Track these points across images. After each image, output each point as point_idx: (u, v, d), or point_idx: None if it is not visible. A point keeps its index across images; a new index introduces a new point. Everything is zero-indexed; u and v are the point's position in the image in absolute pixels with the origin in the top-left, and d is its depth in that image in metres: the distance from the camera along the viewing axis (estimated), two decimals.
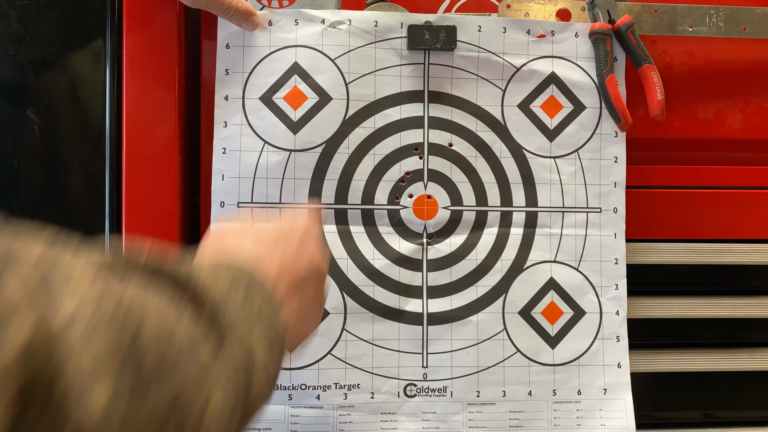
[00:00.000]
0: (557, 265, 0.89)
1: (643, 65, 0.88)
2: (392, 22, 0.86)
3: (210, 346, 0.41)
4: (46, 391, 0.29)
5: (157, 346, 0.36)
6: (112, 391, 0.32)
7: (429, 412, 0.87)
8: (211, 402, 0.40)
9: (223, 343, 0.42)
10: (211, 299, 0.43)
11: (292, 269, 0.60)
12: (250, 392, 0.45)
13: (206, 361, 0.40)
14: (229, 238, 0.62)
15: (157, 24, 0.84)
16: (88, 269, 0.35)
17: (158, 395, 0.35)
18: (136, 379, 0.34)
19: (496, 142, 0.88)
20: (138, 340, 0.34)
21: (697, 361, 0.93)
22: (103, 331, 0.32)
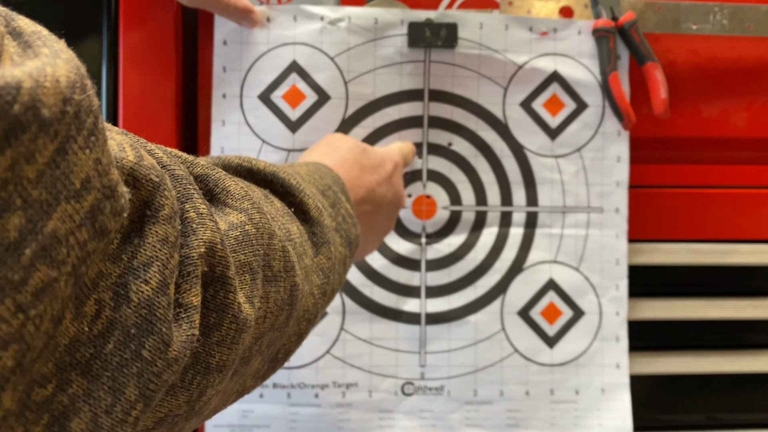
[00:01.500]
0: (557, 266, 0.88)
1: (647, 63, 0.87)
2: (392, 19, 0.85)
3: (311, 253, 0.49)
4: (220, 282, 0.36)
5: (281, 255, 0.42)
6: (251, 289, 0.39)
7: (426, 411, 0.87)
8: (307, 304, 0.47)
9: (319, 251, 0.50)
10: (312, 215, 0.50)
11: (376, 197, 0.69)
12: (327, 293, 0.52)
13: (309, 261, 0.48)
14: (337, 150, 0.70)
15: (154, 21, 0.83)
16: (239, 182, 0.42)
17: (281, 289, 0.42)
18: (266, 276, 0.41)
19: (497, 141, 0.87)
20: (269, 249, 0.41)
21: (701, 363, 0.92)
22: (248, 244, 0.39)
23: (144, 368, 0.31)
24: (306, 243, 0.49)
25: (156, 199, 0.32)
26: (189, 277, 0.34)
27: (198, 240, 0.35)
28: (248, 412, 0.85)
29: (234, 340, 0.37)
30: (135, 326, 0.30)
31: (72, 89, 0.26)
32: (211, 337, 0.36)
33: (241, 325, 0.37)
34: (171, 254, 0.32)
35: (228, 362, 0.37)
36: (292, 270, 0.44)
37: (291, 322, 0.45)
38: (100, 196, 0.28)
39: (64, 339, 0.28)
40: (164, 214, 0.32)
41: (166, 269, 0.32)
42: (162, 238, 0.32)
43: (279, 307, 0.42)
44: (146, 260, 0.31)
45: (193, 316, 0.34)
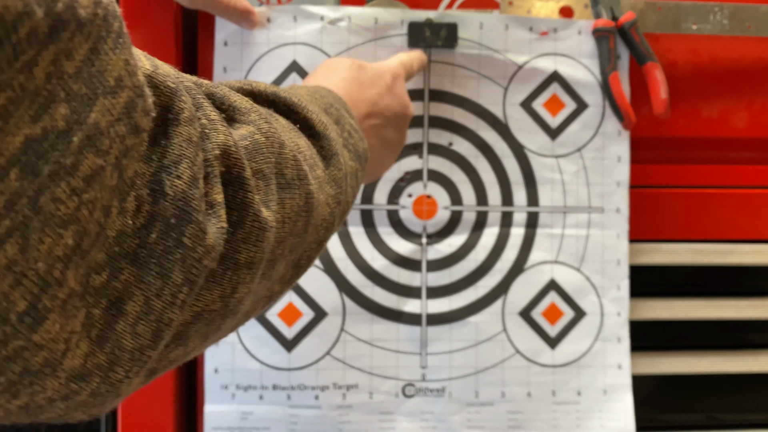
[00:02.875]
0: (558, 266, 0.88)
1: (647, 63, 0.87)
2: (393, 19, 0.85)
3: (322, 166, 0.51)
4: (238, 182, 0.38)
5: (293, 163, 0.44)
6: (265, 193, 0.41)
7: (427, 412, 0.87)
8: (324, 212, 0.49)
9: (329, 163, 0.52)
10: (317, 130, 0.52)
11: (380, 109, 0.70)
12: (341, 202, 0.54)
13: (321, 173, 0.50)
14: (334, 72, 0.70)
15: (154, 22, 0.83)
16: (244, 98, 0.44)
17: (296, 196, 0.44)
18: (279, 183, 0.43)
19: (497, 141, 0.87)
20: (280, 158, 0.43)
21: (701, 363, 0.92)
22: (259, 152, 0.41)
23: (186, 254, 0.33)
24: (315, 156, 0.50)
25: (175, 103, 0.34)
26: (209, 177, 0.36)
27: (212, 143, 0.37)
28: (248, 414, 0.85)
29: (258, 237, 0.39)
30: (174, 216, 0.33)
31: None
32: (236, 234, 0.38)
33: (263, 223, 0.39)
34: (196, 152, 0.35)
35: (255, 260, 0.39)
36: (305, 178, 0.46)
37: (310, 229, 0.47)
38: (132, 94, 0.30)
39: (111, 231, 0.30)
40: (185, 117, 0.35)
41: (194, 165, 0.34)
42: (186, 138, 0.34)
43: (296, 213, 0.44)
44: (175, 158, 0.33)
45: (219, 211, 0.36)
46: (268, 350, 0.85)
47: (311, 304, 0.85)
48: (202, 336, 0.38)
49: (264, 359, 0.85)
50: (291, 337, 0.85)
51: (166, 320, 0.33)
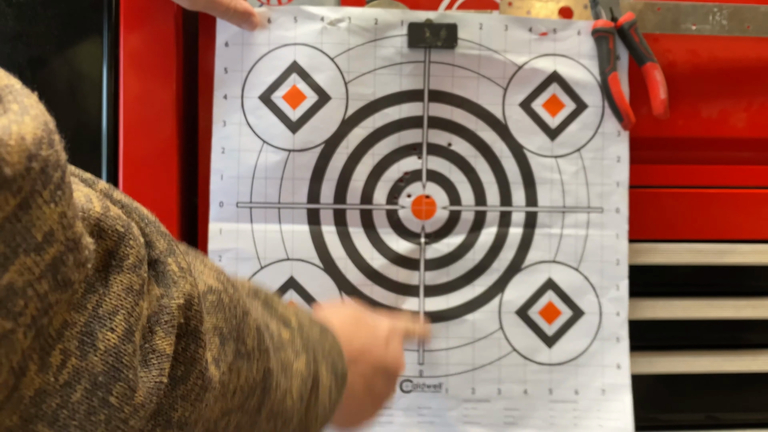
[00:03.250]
0: (556, 265, 0.88)
1: (646, 63, 0.87)
2: (392, 19, 0.85)
3: (291, 355, 0.49)
4: (193, 335, 0.37)
5: (254, 335, 0.43)
6: (219, 352, 0.39)
7: (424, 408, 0.88)
8: (284, 401, 0.47)
9: (298, 356, 0.50)
10: (293, 325, 0.51)
11: (372, 357, 0.68)
12: (311, 410, 0.52)
13: (289, 358, 0.48)
14: (334, 311, 0.70)
15: (155, 22, 0.83)
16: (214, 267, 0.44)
17: (253, 368, 0.43)
18: (238, 349, 0.41)
19: (497, 141, 0.88)
20: (243, 324, 0.42)
21: (701, 362, 0.92)
22: (222, 310, 0.40)
23: (112, 415, 0.31)
24: (285, 342, 0.49)
25: (121, 249, 0.33)
26: (166, 325, 0.35)
27: (179, 291, 0.36)
28: None
29: (198, 396, 0.37)
30: (102, 374, 0.31)
31: (38, 146, 0.27)
32: (177, 389, 0.36)
33: (207, 383, 0.37)
34: (136, 302, 0.33)
35: (190, 420, 0.37)
36: (267, 353, 0.44)
37: (264, 412, 0.45)
38: (63, 248, 0.29)
39: (29, 391, 0.28)
40: (129, 264, 0.33)
41: (131, 317, 0.32)
42: (126, 287, 0.33)
43: (251, 387, 0.43)
44: (111, 309, 0.32)
45: (164, 363, 0.34)
46: None
47: (311, 303, 0.85)
48: None
49: None
50: None
51: None
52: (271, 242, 0.85)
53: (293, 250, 0.85)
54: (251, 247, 0.85)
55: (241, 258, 0.84)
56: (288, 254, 0.85)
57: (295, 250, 0.85)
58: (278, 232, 0.85)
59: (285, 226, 0.85)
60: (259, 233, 0.85)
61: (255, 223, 0.85)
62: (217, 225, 0.84)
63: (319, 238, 0.85)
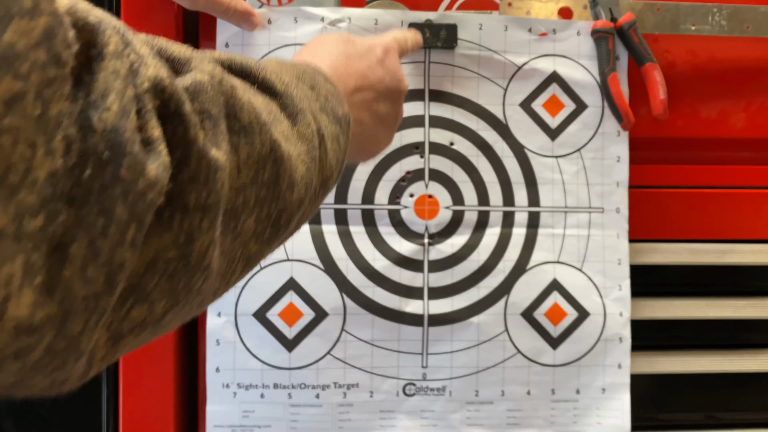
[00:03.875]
0: (560, 266, 0.88)
1: (646, 64, 0.88)
2: (392, 20, 0.85)
3: (287, 123, 0.48)
4: (177, 117, 0.36)
5: (248, 108, 0.43)
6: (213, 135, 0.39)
7: (428, 411, 0.87)
8: (298, 168, 0.47)
9: (296, 120, 0.49)
10: (277, 89, 0.49)
11: (371, 82, 0.67)
12: (325, 164, 0.52)
13: (287, 130, 0.47)
14: (321, 45, 0.68)
15: (155, 23, 0.83)
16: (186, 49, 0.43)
17: (255, 142, 0.42)
18: (234, 126, 0.41)
19: (498, 141, 0.88)
20: (232, 100, 0.41)
21: (700, 362, 0.92)
22: (203, 92, 0.39)
23: (127, 188, 0.31)
24: (277, 112, 0.48)
25: (98, 39, 0.33)
26: (141, 112, 0.34)
27: (141, 78, 0.35)
28: (249, 412, 0.85)
29: (207, 177, 0.37)
30: (107, 149, 0.31)
31: None
32: (182, 173, 0.36)
33: (212, 162, 0.37)
34: (125, 86, 0.33)
35: (209, 203, 0.37)
36: (265, 125, 0.44)
37: (282, 183, 0.45)
38: (52, 21, 0.29)
39: (41, 172, 0.28)
40: (110, 51, 0.33)
41: (123, 97, 0.32)
42: (112, 71, 0.32)
43: (257, 162, 0.42)
44: (102, 92, 0.31)
45: (159, 146, 0.34)
46: (268, 350, 0.85)
47: (312, 305, 0.85)
48: (169, 295, 0.36)
49: (265, 359, 0.85)
50: (292, 337, 0.85)
51: (118, 262, 0.31)
52: None
53: (293, 250, 0.85)
54: None
55: None
56: (288, 254, 0.85)
57: (295, 251, 0.85)
58: None
59: None
60: None
61: None
62: None
63: (320, 238, 0.85)
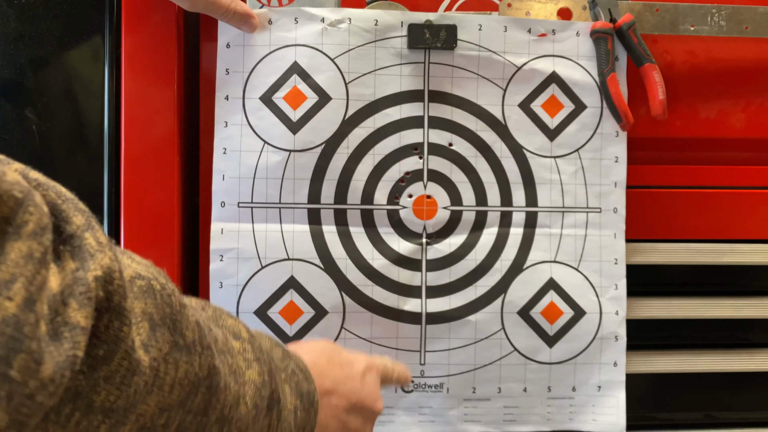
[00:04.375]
0: (557, 265, 0.88)
1: (645, 64, 0.88)
2: (392, 20, 0.86)
3: (242, 363, 0.46)
4: (116, 312, 0.34)
5: (194, 329, 0.41)
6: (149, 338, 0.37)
7: (425, 407, 0.88)
8: (238, 406, 0.44)
9: (250, 366, 0.47)
10: (242, 334, 0.49)
11: (345, 391, 0.64)
12: (281, 424, 0.50)
13: (239, 365, 0.45)
14: (308, 345, 0.67)
15: (156, 23, 0.83)
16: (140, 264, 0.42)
17: (194, 362, 0.40)
18: (174, 340, 0.39)
19: (497, 141, 0.88)
20: (179, 315, 0.40)
21: (698, 361, 0.93)
22: (152, 296, 0.38)
23: (14, 390, 0.29)
24: (233, 349, 0.46)
25: (18, 216, 0.31)
26: (81, 297, 0.32)
27: (96, 263, 0.33)
28: None
29: (124, 380, 0.35)
30: (1, 346, 0.29)
31: None
32: (98, 370, 0.34)
33: (134, 365, 0.35)
34: (37, 270, 0.31)
35: (117, 406, 0.35)
36: (210, 349, 0.42)
37: (212, 414, 0.43)
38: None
39: None
40: (28, 230, 0.31)
41: (31, 285, 0.30)
42: (26, 254, 0.30)
43: (193, 384, 0.40)
44: (9, 277, 0.29)
45: (78, 336, 0.32)
46: None
47: (312, 303, 0.86)
48: None
49: None
50: (292, 334, 0.86)
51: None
52: (271, 242, 0.85)
53: (294, 249, 0.86)
54: (252, 246, 0.85)
55: (242, 258, 0.85)
56: (288, 254, 0.86)
57: (295, 250, 0.86)
58: (279, 232, 0.85)
59: (286, 226, 0.85)
60: (260, 233, 0.85)
61: (256, 223, 0.85)
62: (218, 225, 0.85)
63: (320, 238, 0.86)
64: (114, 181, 0.84)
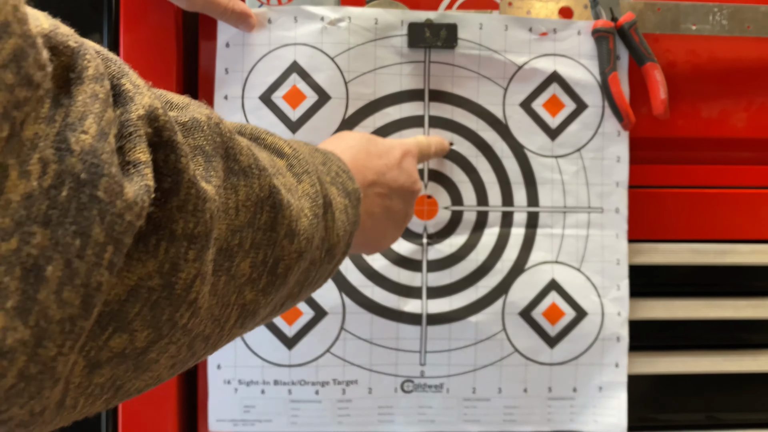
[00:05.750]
0: (559, 266, 0.88)
1: (646, 63, 0.87)
2: (392, 19, 0.85)
3: (293, 179, 0.49)
4: (169, 145, 0.36)
5: (247, 152, 0.43)
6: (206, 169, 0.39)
7: (425, 407, 0.88)
8: (300, 219, 0.47)
9: (301, 179, 0.50)
10: (285, 152, 0.51)
11: (386, 180, 0.69)
12: (332, 231, 0.53)
13: (291, 183, 0.48)
14: (343, 140, 0.71)
15: (155, 22, 0.83)
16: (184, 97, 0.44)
17: (254, 185, 0.43)
18: (229, 166, 0.41)
19: (498, 141, 0.88)
20: (230, 142, 0.42)
21: (700, 362, 0.92)
22: (199, 130, 0.40)
23: (104, 209, 0.31)
24: (282, 168, 0.48)
25: (78, 62, 0.32)
26: (131, 137, 0.34)
27: (136, 105, 0.35)
28: (250, 408, 0.86)
29: (196, 207, 0.37)
30: (85, 171, 0.30)
31: None
32: (170, 201, 0.36)
33: (201, 193, 0.37)
34: (104, 109, 0.32)
35: (196, 233, 0.37)
36: (265, 171, 0.44)
37: (280, 230, 0.45)
38: (22, 42, 0.28)
39: (14, 195, 0.28)
40: (89, 75, 0.33)
41: (102, 120, 0.32)
42: (92, 94, 0.32)
43: (255, 204, 0.43)
44: (80, 114, 0.31)
45: (144, 170, 0.34)
46: (269, 347, 0.86)
47: (311, 303, 0.85)
48: (151, 326, 0.36)
49: (265, 356, 0.86)
50: (291, 335, 0.85)
51: (95, 284, 0.31)
52: None
53: None
54: None
55: None
56: None
57: None
58: None
59: None
60: None
61: None
62: None
63: None
64: None
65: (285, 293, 0.50)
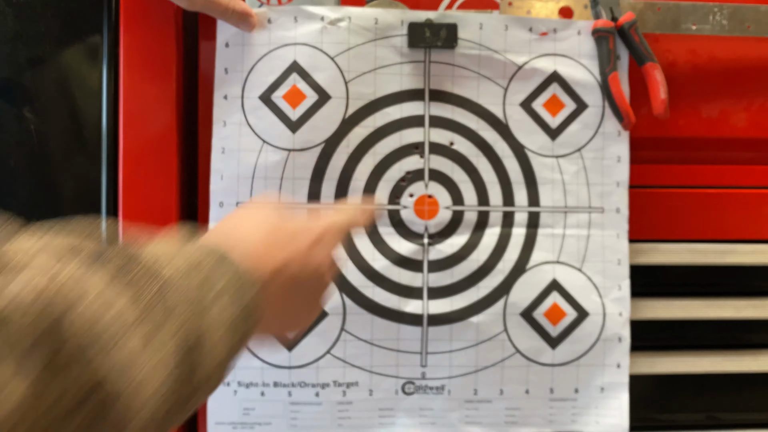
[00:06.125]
0: (560, 266, 0.88)
1: (647, 63, 0.87)
2: (393, 19, 0.85)
3: (143, 332, 0.42)
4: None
5: (81, 332, 0.38)
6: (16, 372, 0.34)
7: (426, 409, 0.88)
8: (141, 390, 0.41)
9: (161, 328, 0.43)
10: (156, 281, 0.44)
11: (292, 269, 0.61)
12: (195, 376, 0.46)
13: (135, 348, 0.41)
14: (244, 225, 0.63)
15: (155, 22, 0.83)
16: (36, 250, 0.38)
17: (75, 377, 0.37)
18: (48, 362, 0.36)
19: (498, 141, 0.87)
20: (61, 324, 0.37)
21: (701, 362, 0.92)
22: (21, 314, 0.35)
23: None
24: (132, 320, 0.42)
25: None
26: None
27: None
28: (249, 410, 0.85)
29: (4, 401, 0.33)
30: None
31: None
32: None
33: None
34: None
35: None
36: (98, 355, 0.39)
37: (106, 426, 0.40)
38: None
39: None
40: None
41: None
42: None
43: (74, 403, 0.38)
44: None
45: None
46: (268, 349, 0.85)
47: None
48: None
49: (265, 357, 0.85)
50: (290, 337, 0.85)
51: None
52: None
53: None
54: None
55: None
56: None
57: None
58: None
59: None
60: None
61: None
62: None
63: None
64: (112, 181, 0.83)
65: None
